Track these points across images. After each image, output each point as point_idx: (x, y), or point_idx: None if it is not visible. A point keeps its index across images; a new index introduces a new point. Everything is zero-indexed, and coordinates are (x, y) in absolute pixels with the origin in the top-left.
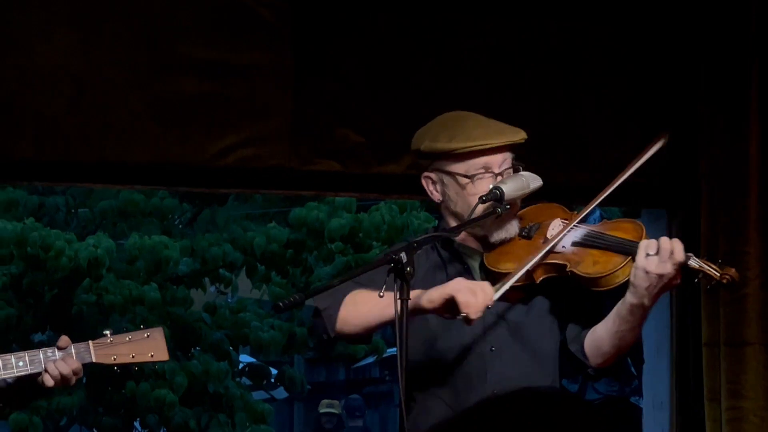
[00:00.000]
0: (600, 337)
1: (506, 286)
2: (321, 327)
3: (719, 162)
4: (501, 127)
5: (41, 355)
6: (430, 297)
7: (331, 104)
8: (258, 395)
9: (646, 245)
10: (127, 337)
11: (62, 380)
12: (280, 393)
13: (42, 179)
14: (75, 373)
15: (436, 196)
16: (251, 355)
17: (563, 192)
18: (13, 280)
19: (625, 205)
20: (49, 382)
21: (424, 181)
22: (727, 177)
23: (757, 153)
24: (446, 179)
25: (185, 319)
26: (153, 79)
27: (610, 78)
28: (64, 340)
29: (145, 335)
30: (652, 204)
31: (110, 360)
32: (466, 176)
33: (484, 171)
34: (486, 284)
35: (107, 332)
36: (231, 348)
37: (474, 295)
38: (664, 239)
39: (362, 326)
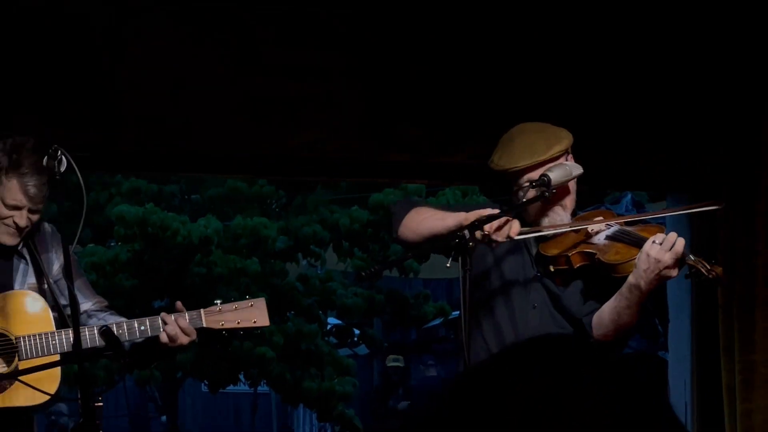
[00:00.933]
0: (603, 311)
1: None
2: (391, 228)
3: (737, 151)
4: (540, 143)
5: (159, 321)
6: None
7: (401, 103)
8: (343, 352)
9: (655, 236)
10: (234, 306)
11: (176, 340)
12: (362, 350)
13: (161, 170)
14: (187, 333)
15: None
16: (337, 317)
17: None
18: (136, 256)
19: (654, 189)
20: (164, 339)
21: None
22: (743, 164)
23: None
24: (516, 189)
25: (281, 287)
26: (244, 81)
27: (645, 74)
28: (179, 305)
29: (250, 304)
30: (677, 189)
31: (219, 325)
32: (516, 187)
33: (529, 184)
34: (516, 221)
35: (217, 302)
36: (320, 312)
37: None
38: (672, 234)
39: (418, 234)
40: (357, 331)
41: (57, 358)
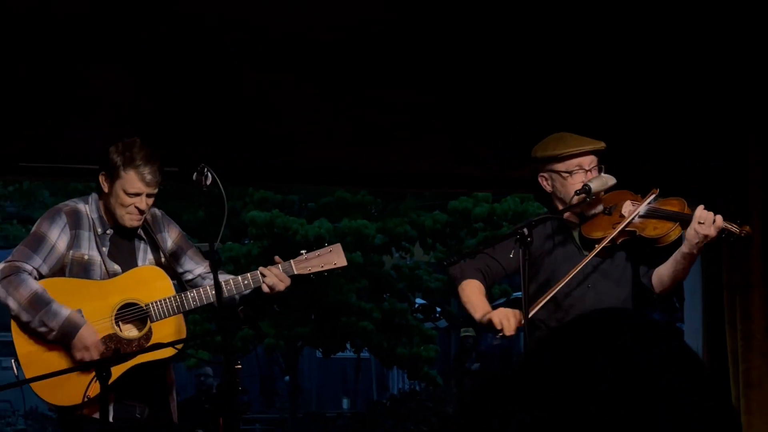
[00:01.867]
0: (662, 273)
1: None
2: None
3: (732, 155)
4: (588, 139)
5: (258, 275)
6: (481, 318)
7: (475, 129)
8: (427, 325)
9: (698, 216)
10: (317, 253)
11: (274, 288)
12: (442, 323)
13: (282, 182)
14: (281, 281)
15: (548, 189)
16: (423, 298)
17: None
18: (265, 251)
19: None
20: (265, 289)
21: (539, 179)
22: (737, 167)
23: (757, 157)
24: (554, 176)
25: (379, 275)
26: (352, 112)
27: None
28: (276, 258)
29: (329, 250)
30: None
31: (307, 271)
32: (566, 172)
33: (578, 168)
34: (516, 312)
35: (303, 251)
36: (409, 294)
37: (507, 320)
38: (710, 214)
39: (463, 304)
40: (438, 309)
41: (181, 316)
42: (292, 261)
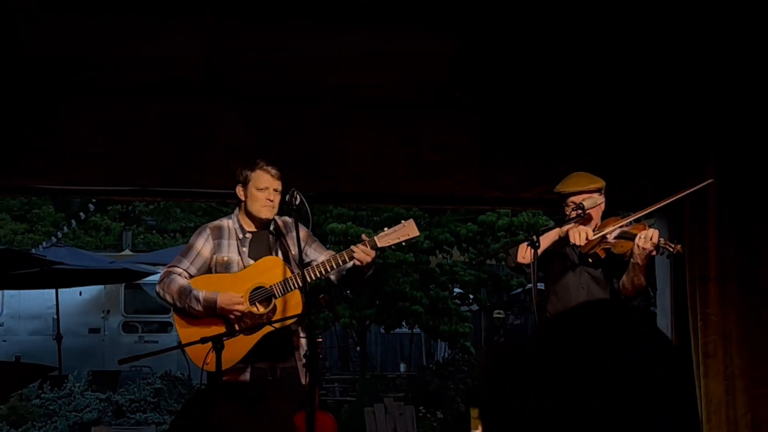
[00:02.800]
0: (624, 281)
1: (599, 235)
2: (509, 260)
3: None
4: (584, 180)
5: (351, 252)
6: (561, 230)
7: (499, 163)
8: (463, 309)
9: (639, 235)
10: (395, 228)
11: (363, 261)
12: (474, 307)
13: (354, 202)
14: (367, 254)
15: (565, 214)
16: (460, 288)
17: (615, 203)
18: None
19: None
20: (357, 262)
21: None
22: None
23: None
24: (564, 206)
25: (427, 271)
26: (409, 152)
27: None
28: (363, 236)
29: (403, 225)
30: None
31: (388, 243)
32: (565, 204)
33: (573, 204)
34: (588, 229)
35: (385, 228)
36: (450, 285)
37: (579, 233)
38: (650, 231)
39: (527, 261)
40: (471, 296)
41: (297, 291)
42: (376, 237)
